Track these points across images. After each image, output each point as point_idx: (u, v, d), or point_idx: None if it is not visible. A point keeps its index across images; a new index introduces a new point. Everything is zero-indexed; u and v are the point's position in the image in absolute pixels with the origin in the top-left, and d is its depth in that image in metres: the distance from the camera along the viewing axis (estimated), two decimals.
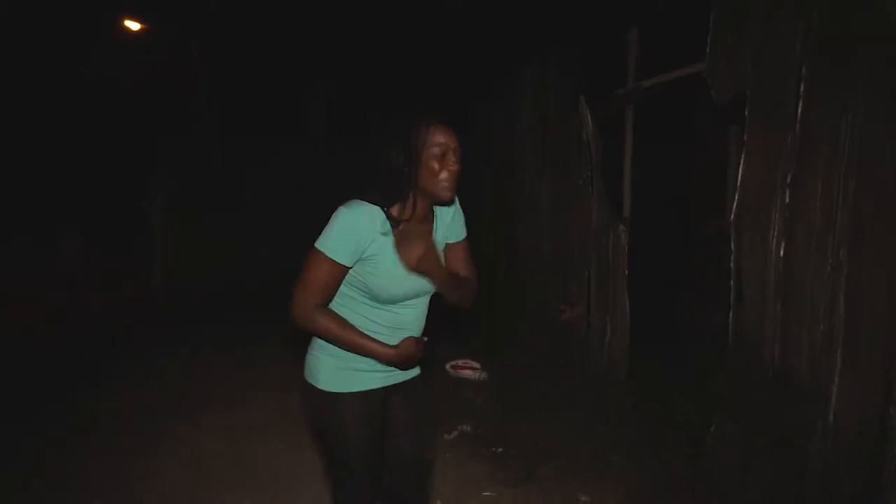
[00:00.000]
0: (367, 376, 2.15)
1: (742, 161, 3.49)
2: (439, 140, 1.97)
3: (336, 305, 2.11)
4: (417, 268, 1.99)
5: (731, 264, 3.59)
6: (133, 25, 13.25)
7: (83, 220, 12.75)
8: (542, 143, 5.93)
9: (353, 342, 2.02)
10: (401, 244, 2.01)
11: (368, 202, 1.99)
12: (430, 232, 2.16)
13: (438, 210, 2.23)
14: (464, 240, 2.33)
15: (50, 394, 5.33)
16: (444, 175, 1.99)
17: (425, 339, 2.17)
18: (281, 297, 2.23)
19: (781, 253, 3.27)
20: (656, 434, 4.06)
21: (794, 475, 3.11)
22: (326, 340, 2.08)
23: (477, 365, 5.44)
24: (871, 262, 2.77)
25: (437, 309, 2.33)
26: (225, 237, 10.82)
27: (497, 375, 5.27)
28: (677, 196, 7.20)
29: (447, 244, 2.27)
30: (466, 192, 2.23)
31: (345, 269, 2.00)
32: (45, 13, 13.68)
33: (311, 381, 2.17)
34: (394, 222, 2.00)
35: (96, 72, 15.54)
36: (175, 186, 10.59)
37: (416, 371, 2.34)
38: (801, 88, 3.12)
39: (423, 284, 2.09)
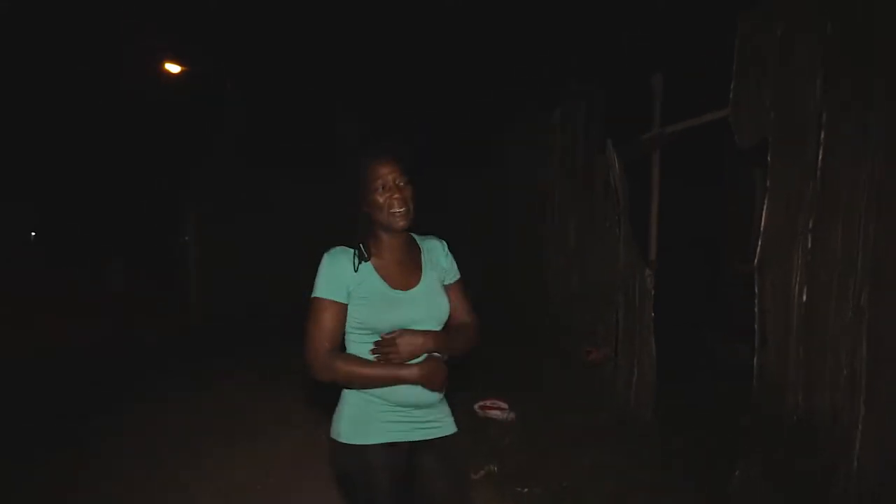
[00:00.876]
0: (389, 427, 2.09)
1: (765, 206, 3.55)
2: (380, 173, 2.06)
3: (350, 349, 2.13)
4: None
5: (756, 308, 3.63)
6: (173, 68, 13.72)
7: (127, 252, 13.14)
8: (570, 186, 6.03)
9: (375, 374, 2.02)
10: (384, 269, 2.10)
11: (345, 245, 2.11)
12: (417, 263, 2.21)
13: (426, 247, 2.28)
14: (458, 281, 2.34)
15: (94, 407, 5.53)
16: (389, 206, 2.05)
17: (445, 357, 2.14)
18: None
19: (804, 298, 3.31)
20: (680, 474, 4.05)
21: None
22: (350, 383, 2.08)
23: (505, 405, 5.47)
24: (891, 306, 2.80)
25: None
26: (256, 268, 11.02)
27: (525, 415, 5.29)
28: (705, 238, 7.23)
29: (445, 286, 2.27)
30: (496, 229, 2.28)
31: (343, 307, 2.05)
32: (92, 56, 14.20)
33: (333, 435, 2.13)
34: (365, 253, 2.09)
35: (138, 109, 16.04)
36: (209, 220, 10.87)
37: (450, 428, 2.24)
38: (822, 135, 3.18)
39: (423, 310, 2.11)
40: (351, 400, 2.12)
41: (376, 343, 2.06)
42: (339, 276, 2.04)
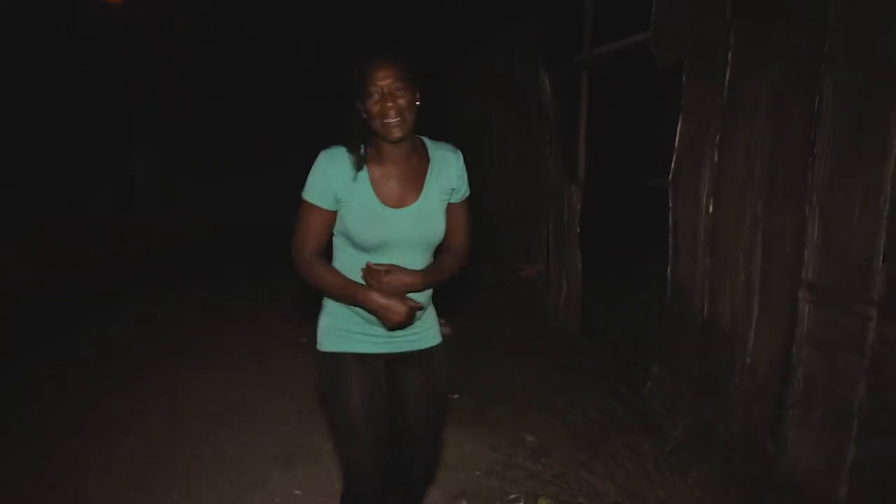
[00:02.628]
0: (363, 339, 2.06)
1: (679, 123, 3.73)
2: (376, 79, 1.86)
3: (334, 255, 2.07)
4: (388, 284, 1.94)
5: (669, 220, 3.85)
6: None
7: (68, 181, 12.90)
8: (508, 107, 6.15)
9: (340, 290, 1.97)
10: (380, 183, 1.98)
11: (341, 146, 1.98)
12: (420, 177, 2.05)
13: (438, 159, 2.09)
14: (465, 200, 2.18)
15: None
16: (384, 115, 1.87)
17: (420, 304, 2.02)
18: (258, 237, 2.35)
19: (711, 209, 3.53)
20: (601, 379, 4.33)
21: (714, 412, 3.39)
22: (321, 290, 2.04)
23: (442, 320, 5.67)
24: (781, 214, 3.03)
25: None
26: (208, 194, 11.00)
27: (461, 330, 5.52)
28: (643, 159, 7.42)
29: (449, 204, 2.12)
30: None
31: (329, 214, 1.98)
32: None
33: (316, 345, 2.11)
34: (360, 162, 1.96)
35: (77, 35, 15.45)
36: (158, 146, 10.76)
37: (431, 340, 2.19)
38: (730, 54, 3.34)
39: (411, 231, 2.00)
40: (328, 309, 2.10)
41: (364, 270, 1.97)
42: (331, 181, 1.93)
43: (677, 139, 3.75)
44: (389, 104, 1.86)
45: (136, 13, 13.94)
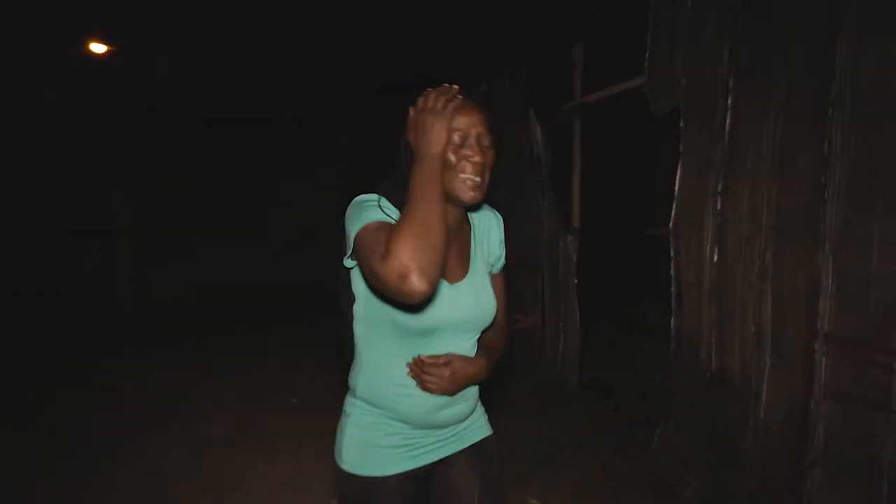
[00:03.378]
0: (400, 453, 1.60)
1: (678, 171, 3.66)
2: (460, 123, 1.49)
3: (360, 347, 1.63)
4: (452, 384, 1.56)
5: (671, 270, 3.74)
6: (98, 48, 13.21)
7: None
8: (498, 155, 6.08)
9: (421, 196, 1.35)
10: None
11: (382, 195, 1.50)
12: (466, 242, 1.70)
13: (480, 223, 1.76)
14: (503, 270, 1.84)
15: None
16: (463, 169, 1.50)
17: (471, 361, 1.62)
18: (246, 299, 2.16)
19: (715, 258, 3.42)
20: (604, 435, 4.18)
21: (728, 469, 3.24)
22: (427, 226, 1.31)
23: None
24: (792, 264, 2.93)
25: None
26: (193, 249, 10.88)
27: None
28: (633, 204, 7.40)
29: (491, 275, 1.77)
30: None
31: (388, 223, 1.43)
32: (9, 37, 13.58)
33: (336, 457, 1.63)
34: None
35: (60, 93, 15.42)
36: (142, 204, 10.64)
37: (482, 431, 1.79)
38: (729, 101, 3.28)
39: (468, 311, 1.61)
40: (354, 415, 1.62)
41: (413, 364, 1.54)
42: (375, 208, 1.45)
43: (677, 188, 3.67)
44: (475, 157, 1.50)
45: (121, 67, 13.98)
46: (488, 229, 1.77)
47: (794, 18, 2.91)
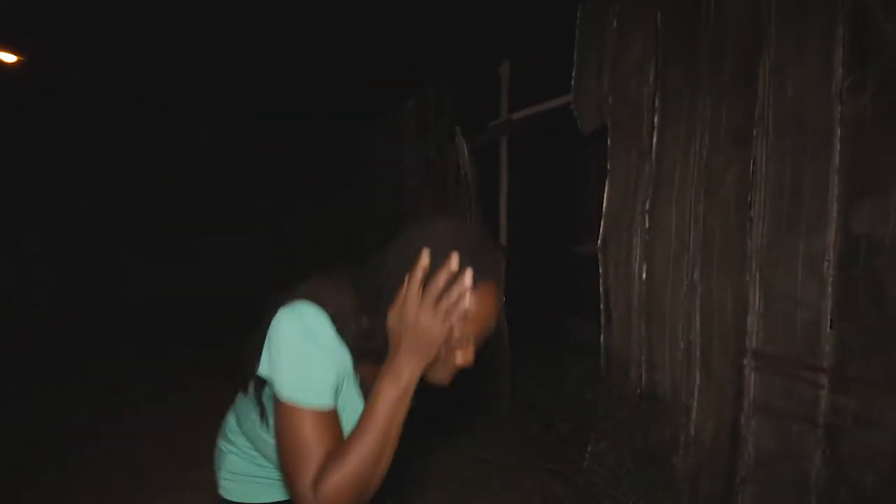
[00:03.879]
0: (281, 486, 1.56)
1: (606, 189, 3.67)
2: (479, 316, 1.24)
3: (240, 455, 1.57)
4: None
5: (600, 287, 3.75)
6: (7, 58, 12.59)
7: None
8: (424, 173, 6.04)
9: (384, 431, 1.19)
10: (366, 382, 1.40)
11: (320, 302, 1.27)
12: None
13: None
14: None
15: None
16: (454, 362, 1.27)
17: None
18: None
19: (644, 276, 3.45)
20: (536, 456, 4.15)
21: (660, 487, 3.24)
22: (378, 473, 1.19)
23: None
24: (719, 281, 2.96)
25: None
26: (107, 262, 10.54)
27: None
28: (559, 221, 7.46)
29: None
30: (359, 222, 1.95)
31: (334, 412, 1.25)
32: None
33: (219, 489, 1.62)
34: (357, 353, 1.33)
35: None
36: (54, 217, 10.26)
37: None
38: (655, 119, 3.32)
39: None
40: (235, 456, 1.58)
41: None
42: (336, 358, 1.26)
43: (605, 206, 3.69)
44: (472, 347, 1.27)
45: (33, 76, 13.39)
46: None
47: (718, 42, 2.96)
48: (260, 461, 1.53)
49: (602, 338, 3.78)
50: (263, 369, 1.25)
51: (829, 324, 2.48)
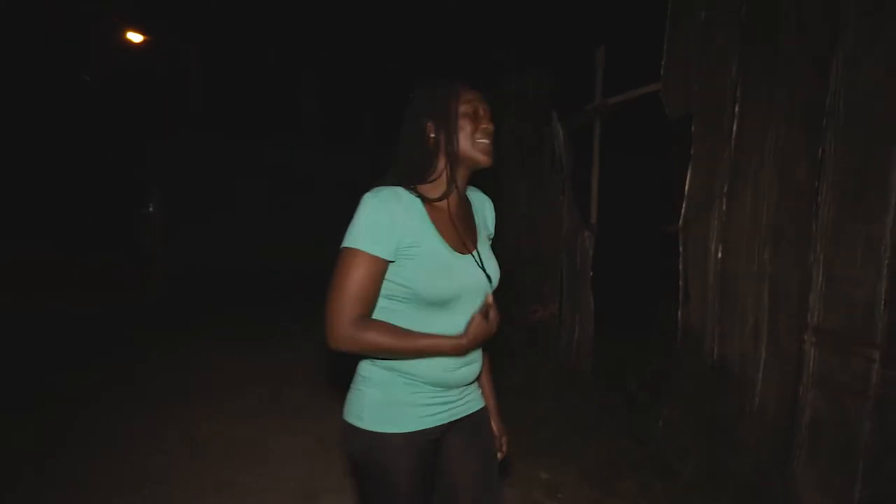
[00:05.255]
0: (421, 412, 1.73)
1: (689, 173, 3.89)
2: (468, 97, 1.74)
3: (379, 318, 1.71)
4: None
5: (680, 266, 3.99)
6: (135, 37, 13.67)
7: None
8: (521, 154, 6.34)
9: (414, 346, 1.62)
10: (441, 225, 1.72)
11: (395, 184, 1.70)
12: (471, 216, 1.89)
13: (477, 203, 1.97)
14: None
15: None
16: (478, 135, 1.72)
17: (490, 305, 1.72)
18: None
19: (719, 255, 3.66)
20: (612, 419, 4.43)
21: (725, 452, 3.48)
22: (380, 357, 1.68)
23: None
24: (787, 261, 3.17)
25: None
26: (220, 235, 11.23)
27: None
28: (653, 204, 7.60)
29: None
30: None
31: (384, 266, 1.63)
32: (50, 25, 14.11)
33: (352, 420, 1.74)
34: (429, 200, 1.71)
35: (98, 78, 15.92)
36: (172, 188, 11.04)
37: (478, 402, 1.92)
38: (736, 108, 3.52)
39: (480, 277, 1.77)
40: (374, 378, 1.73)
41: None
42: (389, 226, 1.61)
43: (687, 188, 3.91)
44: (488, 125, 1.74)
45: (154, 55, 14.43)
46: (483, 208, 1.99)
47: (798, 36, 3.14)
48: (396, 386, 1.72)
49: (679, 313, 4.01)
50: (343, 241, 1.64)
51: (882, 303, 2.66)
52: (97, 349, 6.78)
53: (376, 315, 1.69)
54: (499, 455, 2.00)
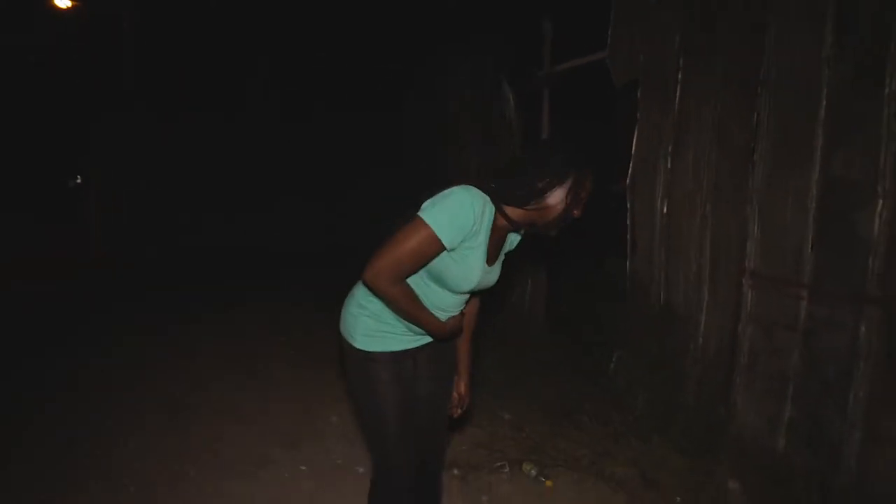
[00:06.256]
0: (400, 339, 2.12)
1: (635, 136, 4.25)
2: (587, 188, 1.95)
3: (371, 316, 2.12)
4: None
5: (628, 220, 4.36)
6: (62, 2, 13.13)
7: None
8: (472, 119, 6.61)
9: (417, 318, 1.99)
10: (491, 241, 2.00)
11: (491, 191, 1.96)
12: (503, 241, 2.17)
13: (510, 236, 2.25)
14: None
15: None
16: (569, 217, 1.96)
17: (463, 313, 2.19)
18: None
19: (664, 210, 4.04)
20: (568, 362, 4.83)
21: (671, 386, 3.90)
22: (392, 306, 2.00)
23: None
24: (726, 214, 3.56)
25: None
26: (158, 209, 11.11)
27: None
28: (601, 165, 7.96)
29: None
30: (407, 164, 2.35)
31: (441, 251, 1.88)
32: None
33: (348, 337, 2.14)
34: (501, 218, 1.99)
35: (20, 41, 15.20)
36: (107, 163, 10.83)
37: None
38: (679, 77, 3.87)
39: (487, 281, 2.09)
40: (371, 309, 2.09)
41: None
42: (465, 223, 1.85)
43: (633, 149, 4.27)
44: (579, 213, 1.96)
45: (86, 21, 13.86)
46: (515, 238, 2.27)
47: (733, 12, 3.49)
48: (385, 319, 2.09)
49: (628, 263, 4.40)
50: (422, 211, 1.87)
51: (809, 248, 3.07)
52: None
53: None
54: (458, 411, 2.47)
